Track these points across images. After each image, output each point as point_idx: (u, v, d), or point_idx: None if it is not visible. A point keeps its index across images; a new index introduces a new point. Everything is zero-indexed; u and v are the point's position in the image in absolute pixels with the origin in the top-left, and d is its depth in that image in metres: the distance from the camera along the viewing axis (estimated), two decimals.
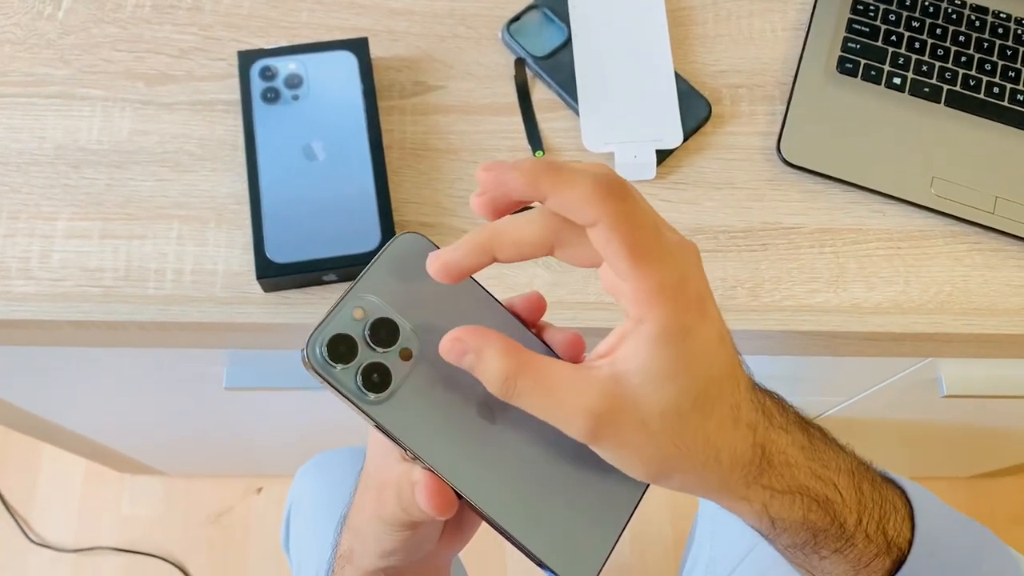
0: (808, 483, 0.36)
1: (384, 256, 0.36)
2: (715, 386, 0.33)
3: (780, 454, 0.36)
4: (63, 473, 1.37)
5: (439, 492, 0.34)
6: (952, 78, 0.63)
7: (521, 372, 0.32)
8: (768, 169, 0.62)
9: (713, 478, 0.34)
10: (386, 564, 0.40)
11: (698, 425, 0.33)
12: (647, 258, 0.31)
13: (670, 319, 0.31)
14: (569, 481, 0.36)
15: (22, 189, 0.58)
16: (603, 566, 0.35)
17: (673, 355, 0.31)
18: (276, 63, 0.60)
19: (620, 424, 0.32)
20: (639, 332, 0.31)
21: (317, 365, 0.34)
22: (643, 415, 0.32)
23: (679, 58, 0.64)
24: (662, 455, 0.33)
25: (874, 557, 0.39)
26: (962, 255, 0.60)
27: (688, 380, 0.32)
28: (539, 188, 0.32)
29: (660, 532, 1.34)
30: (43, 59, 0.62)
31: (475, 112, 0.62)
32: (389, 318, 0.35)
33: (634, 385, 0.32)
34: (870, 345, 0.60)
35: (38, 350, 0.69)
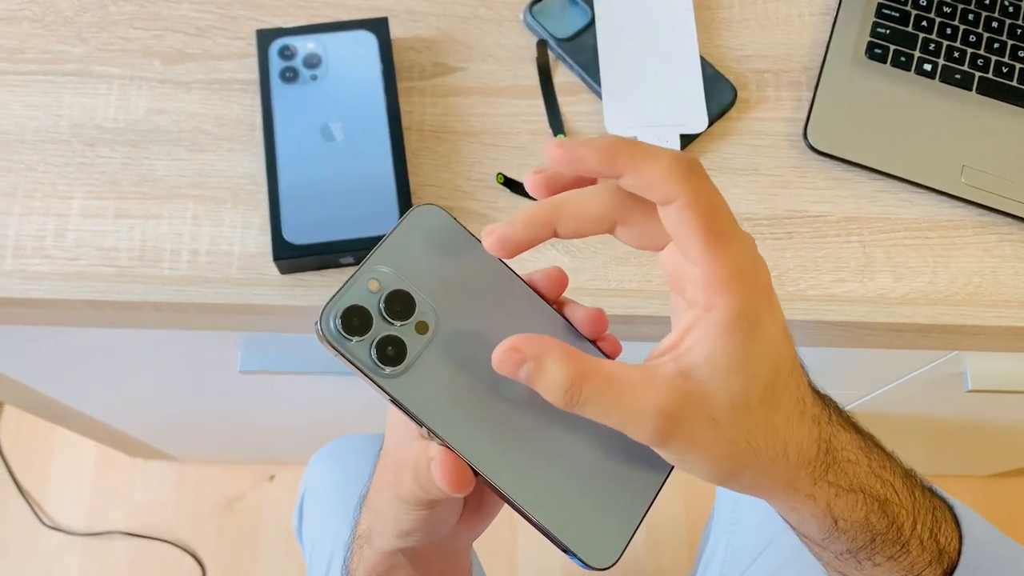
0: (870, 482, 0.35)
1: (401, 228, 0.35)
2: (781, 378, 0.32)
3: (843, 450, 0.35)
4: (76, 457, 1.37)
5: (455, 468, 0.33)
6: (984, 65, 0.62)
7: (585, 379, 0.30)
8: (794, 156, 0.60)
9: (781, 474, 0.33)
10: (404, 544, 0.39)
11: (767, 418, 0.32)
12: (723, 240, 0.30)
13: (742, 306, 0.30)
14: (592, 462, 0.35)
15: (38, 167, 0.58)
16: (625, 550, 0.34)
17: (743, 344, 0.30)
18: (295, 42, 0.59)
19: (691, 422, 0.31)
20: (708, 320, 0.30)
21: (331, 337, 0.33)
22: (712, 410, 0.31)
23: (704, 42, 0.63)
24: (732, 451, 0.31)
25: (926, 565, 0.38)
26: (992, 246, 0.59)
27: (757, 370, 0.31)
28: (616, 164, 0.31)
29: (675, 527, 1.33)
30: (60, 36, 0.61)
31: (496, 94, 0.61)
32: (405, 290, 0.34)
33: (702, 377, 0.30)
34: (896, 336, 0.59)
35: (54, 331, 0.69)
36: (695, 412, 0.30)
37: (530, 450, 0.34)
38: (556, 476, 0.34)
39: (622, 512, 0.35)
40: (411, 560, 0.41)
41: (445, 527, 0.40)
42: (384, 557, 0.41)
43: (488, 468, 0.34)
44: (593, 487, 0.35)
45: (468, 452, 0.34)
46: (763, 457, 0.32)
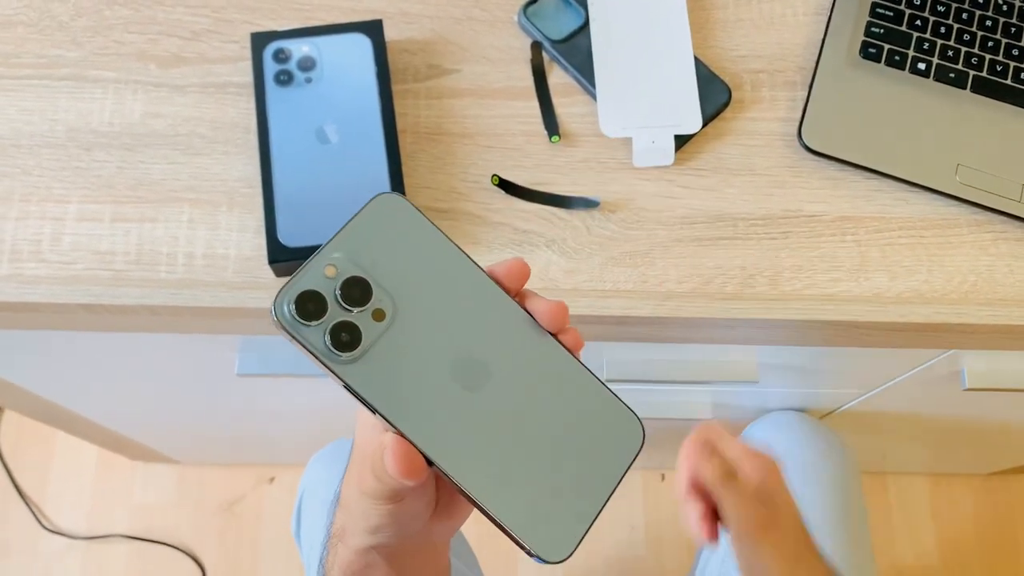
0: None
1: (362, 215, 0.35)
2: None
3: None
4: (76, 461, 1.37)
5: (405, 455, 0.33)
6: (979, 64, 0.62)
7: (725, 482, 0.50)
8: (789, 156, 0.60)
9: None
10: (376, 541, 0.39)
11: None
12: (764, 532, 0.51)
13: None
14: (548, 453, 0.35)
15: (34, 172, 0.58)
16: (579, 544, 0.34)
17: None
18: (289, 45, 0.59)
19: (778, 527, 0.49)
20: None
21: (285, 322, 0.33)
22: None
23: (699, 42, 0.63)
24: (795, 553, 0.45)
25: None
26: (987, 244, 0.59)
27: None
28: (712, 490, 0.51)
29: (675, 524, 1.33)
30: (55, 41, 0.61)
31: (490, 96, 0.61)
32: (362, 277, 0.34)
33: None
34: (892, 336, 0.59)
35: (52, 336, 0.69)
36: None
37: (484, 441, 0.34)
38: (511, 467, 0.34)
39: (578, 505, 0.35)
40: (386, 558, 0.41)
41: (417, 522, 0.39)
42: (358, 555, 0.40)
43: (439, 456, 0.34)
44: (548, 479, 0.35)
45: (419, 440, 0.34)
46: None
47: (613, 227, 0.58)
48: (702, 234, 0.58)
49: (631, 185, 0.59)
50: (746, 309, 0.56)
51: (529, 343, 0.36)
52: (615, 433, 0.36)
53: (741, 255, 0.58)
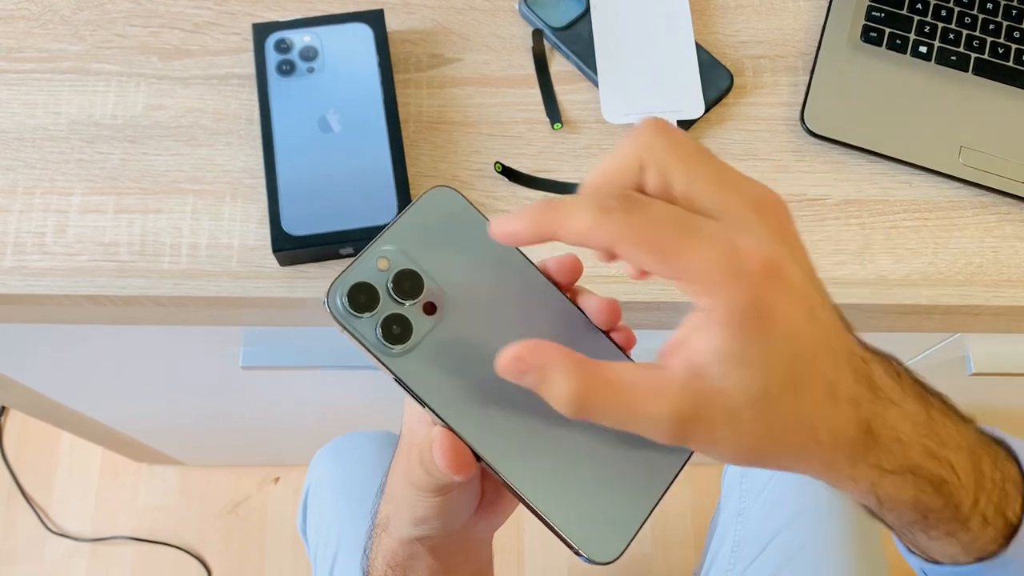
0: (920, 462, 0.33)
1: (415, 208, 0.35)
2: (804, 363, 0.30)
3: (889, 430, 0.32)
4: (81, 463, 1.37)
5: (454, 450, 0.33)
6: (980, 46, 0.62)
7: (593, 390, 0.29)
8: (792, 140, 0.60)
9: (814, 459, 0.31)
10: (420, 533, 0.39)
11: (791, 407, 0.30)
12: (676, 252, 0.28)
13: (738, 301, 0.28)
14: (599, 453, 0.34)
15: (37, 164, 0.58)
16: (628, 546, 0.33)
17: (751, 337, 0.29)
18: (291, 35, 0.59)
19: (709, 421, 0.29)
20: (710, 319, 0.29)
21: (337, 314, 0.33)
22: (731, 406, 0.29)
23: (700, 29, 0.63)
24: (754, 443, 0.30)
25: (991, 541, 0.36)
26: (992, 226, 0.59)
27: (772, 361, 0.29)
28: (544, 233, 0.30)
29: (682, 521, 1.32)
30: (57, 35, 0.61)
31: (492, 84, 0.61)
32: (413, 270, 0.34)
33: (716, 376, 0.29)
34: (897, 319, 0.59)
35: (57, 332, 0.69)
36: (712, 411, 0.29)
37: (534, 437, 0.34)
38: (560, 465, 0.34)
39: (628, 506, 0.34)
40: (430, 550, 0.41)
41: (462, 517, 0.39)
42: (402, 545, 0.40)
43: (488, 452, 0.33)
44: (599, 478, 0.34)
45: (468, 434, 0.33)
46: (789, 444, 0.30)
47: None
48: None
49: None
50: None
51: (581, 340, 0.35)
52: None
53: None
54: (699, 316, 0.29)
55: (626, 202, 0.29)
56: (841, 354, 0.31)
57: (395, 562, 0.42)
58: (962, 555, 0.36)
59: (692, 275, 0.28)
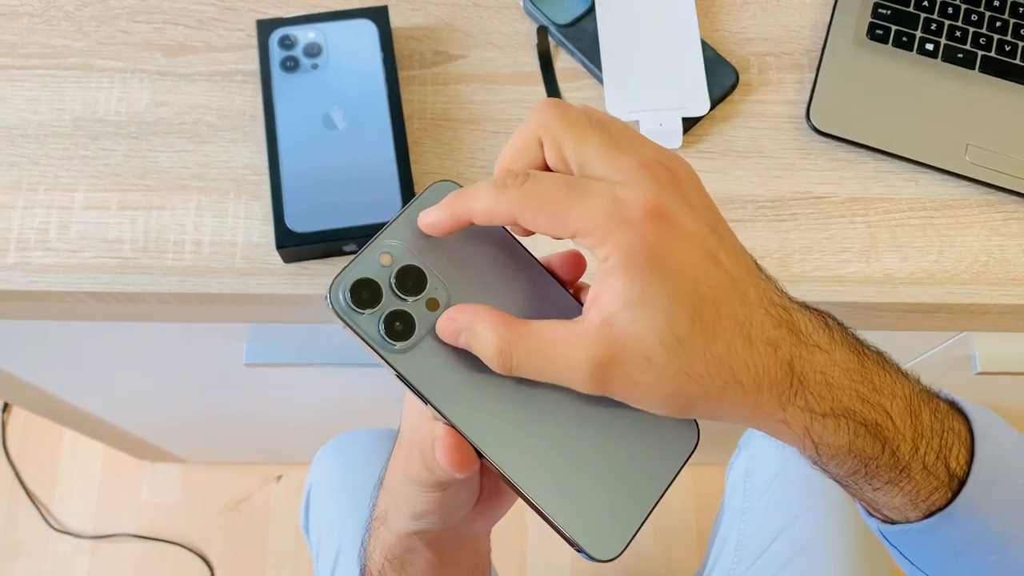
0: (853, 406, 0.34)
1: (417, 203, 0.35)
2: (709, 303, 0.31)
3: (816, 373, 0.33)
4: (83, 461, 1.37)
5: (457, 448, 0.33)
6: (987, 44, 0.61)
7: (514, 342, 0.32)
8: (797, 138, 0.60)
9: (740, 401, 0.32)
10: (419, 527, 0.39)
11: (704, 348, 0.31)
12: (566, 211, 0.31)
13: (630, 245, 0.30)
14: (601, 450, 0.34)
15: (41, 161, 0.58)
16: (630, 543, 0.33)
17: (649, 278, 0.30)
18: (295, 32, 0.59)
19: (624, 367, 0.31)
20: (608, 268, 0.31)
21: (339, 309, 0.33)
22: (643, 350, 0.30)
23: (705, 26, 0.63)
24: (674, 388, 0.31)
25: (934, 490, 0.36)
26: (998, 224, 0.58)
27: (675, 301, 0.30)
28: (457, 217, 0.33)
29: (683, 519, 1.32)
30: (61, 31, 0.61)
31: (497, 81, 0.61)
32: (416, 266, 0.34)
33: (624, 322, 0.30)
34: (903, 317, 0.59)
35: (60, 329, 0.69)
36: (626, 355, 0.31)
37: (536, 435, 0.34)
38: (562, 462, 0.34)
39: (630, 503, 0.34)
40: (428, 544, 0.41)
41: (461, 511, 0.39)
42: (400, 539, 0.40)
43: (490, 450, 0.33)
44: (601, 476, 0.34)
45: (471, 432, 0.33)
46: (711, 386, 0.31)
47: None
48: None
49: None
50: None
51: None
52: (669, 432, 0.35)
53: (750, 237, 0.57)
54: (602, 268, 0.31)
55: (521, 177, 0.32)
56: (753, 299, 0.32)
57: (393, 555, 0.41)
58: (910, 508, 0.37)
59: (583, 228, 0.31)
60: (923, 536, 0.37)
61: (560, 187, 0.31)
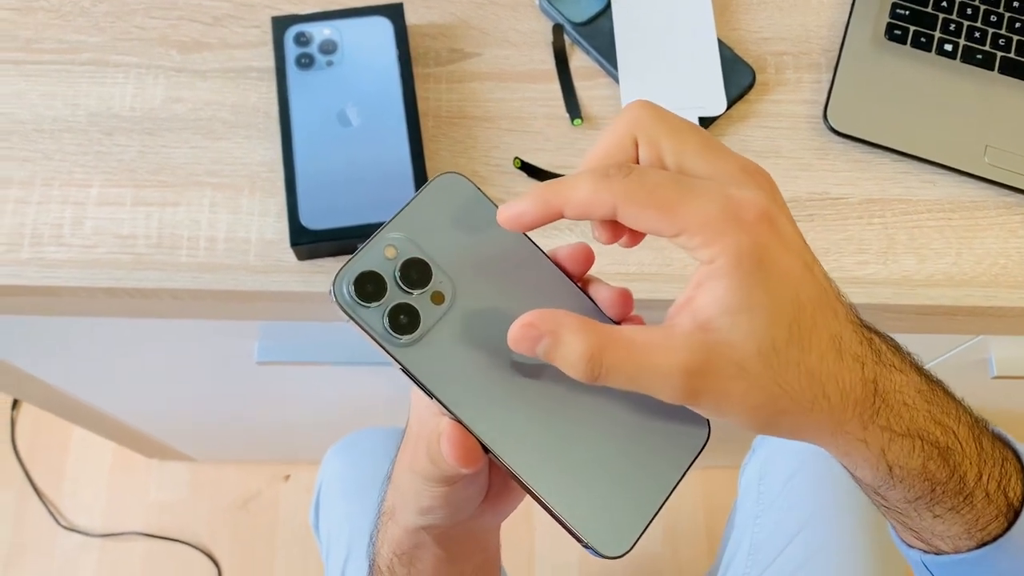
0: (927, 427, 0.33)
1: (423, 195, 0.34)
2: (807, 314, 0.30)
3: (896, 393, 0.33)
4: (92, 459, 1.37)
5: (462, 443, 0.32)
6: (1006, 45, 0.61)
7: (605, 348, 0.30)
8: (814, 138, 0.60)
9: (825, 418, 0.31)
10: (426, 522, 0.38)
11: (798, 359, 0.30)
12: (676, 206, 0.30)
13: (737, 247, 0.29)
14: (609, 446, 0.34)
15: (55, 156, 0.58)
16: (638, 540, 0.33)
17: (753, 283, 0.29)
18: (311, 28, 0.59)
19: (718, 374, 0.29)
20: (711, 271, 0.29)
21: (343, 302, 0.33)
22: (739, 358, 0.29)
23: (722, 25, 0.62)
24: (765, 399, 0.30)
25: (992, 519, 0.36)
26: (1017, 226, 0.58)
27: (776, 309, 0.30)
28: (551, 208, 0.31)
29: (692, 519, 1.32)
30: (77, 26, 0.61)
31: (512, 79, 0.61)
32: (421, 259, 0.34)
33: (723, 328, 0.29)
34: (920, 320, 0.58)
35: (72, 325, 0.69)
36: (721, 363, 0.29)
37: (543, 430, 0.33)
38: (570, 458, 0.33)
39: (639, 500, 0.33)
40: (436, 539, 0.40)
41: (469, 506, 0.39)
42: (408, 534, 0.40)
43: (496, 445, 0.33)
44: (609, 471, 0.33)
45: (477, 427, 0.33)
46: (801, 400, 0.30)
47: None
48: None
49: None
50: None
51: None
52: (678, 428, 0.35)
53: None
54: (702, 271, 0.30)
55: (625, 169, 0.30)
56: (842, 314, 0.32)
57: (401, 551, 0.41)
58: (965, 537, 0.36)
59: (694, 226, 0.29)
60: (974, 567, 0.37)
61: (670, 181, 0.30)
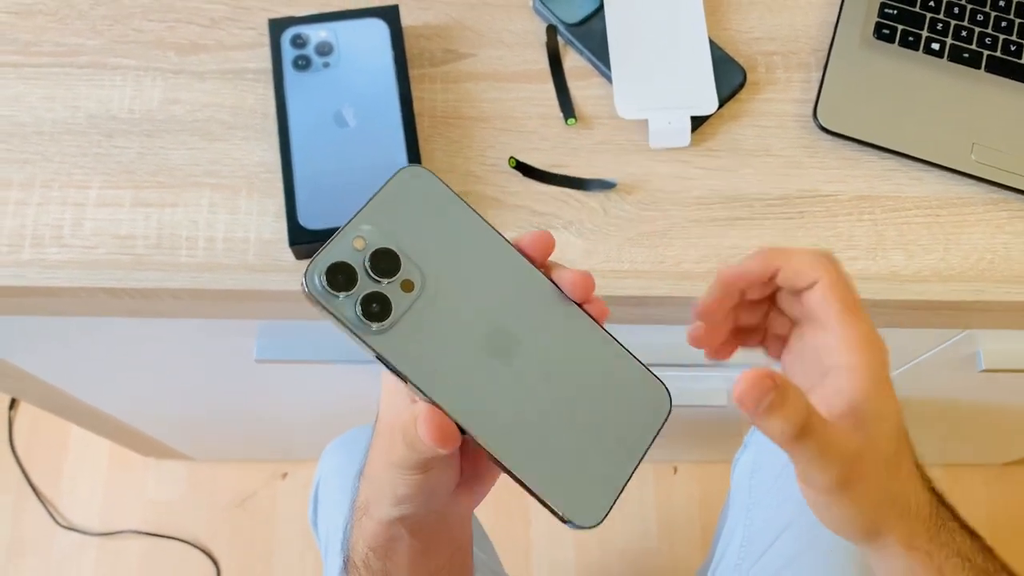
0: (972, 552, 0.39)
1: (387, 188, 0.36)
2: (903, 433, 0.37)
3: (949, 519, 0.39)
4: (89, 457, 1.38)
5: (439, 423, 0.34)
6: (992, 43, 0.62)
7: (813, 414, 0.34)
8: (804, 136, 0.61)
9: (909, 526, 0.37)
10: (401, 513, 0.39)
11: (898, 468, 0.37)
12: (855, 311, 0.37)
13: (879, 363, 0.36)
14: (577, 421, 0.36)
15: (55, 158, 0.58)
16: (610, 510, 0.35)
17: (886, 397, 0.36)
18: (307, 31, 0.59)
19: (866, 466, 0.35)
20: (859, 377, 0.36)
21: (316, 293, 0.34)
22: (878, 456, 0.36)
23: (713, 25, 0.63)
24: (882, 498, 0.36)
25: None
26: (1003, 222, 0.59)
27: (894, 422, 0.36)
28: (771, 263, 0.38)
29: (688, 515, 1.32)
30: (75, 29, 0.62)
31: (506, 80, 0.61)
32: (390, 249, 0.35)
33: (870, 428, 0.35)
34: (909, 314, 0.59)
35: (72, 324, 0.69)
36: (869, 460, 0.36)
37: (515, 408, 0.35)
38: (542, 433, 0.35)
39: (610, 470, 0.35)
40: (410, 531, 0.41)
41: (443, 492, 0.40)
42: (383, 527, 0.41)
43: (471, 424, 0.34)
44: (579, 443, 0.35)
45: (451, 407, 0.34)
46: (898, 506, 0.36)
47: (630, 208, 0.58)
48: (719, 214, 0.58)
49: (647, 167, 0.59)
50: None
51: (555, 312, 0.37)
52: (643, 401, 0.37)
53: (758, 235, 0.58)
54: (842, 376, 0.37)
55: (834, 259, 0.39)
56: (912, 446, 0.39)
57: (376, 544, 0.42)
58: None
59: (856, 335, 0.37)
60: None
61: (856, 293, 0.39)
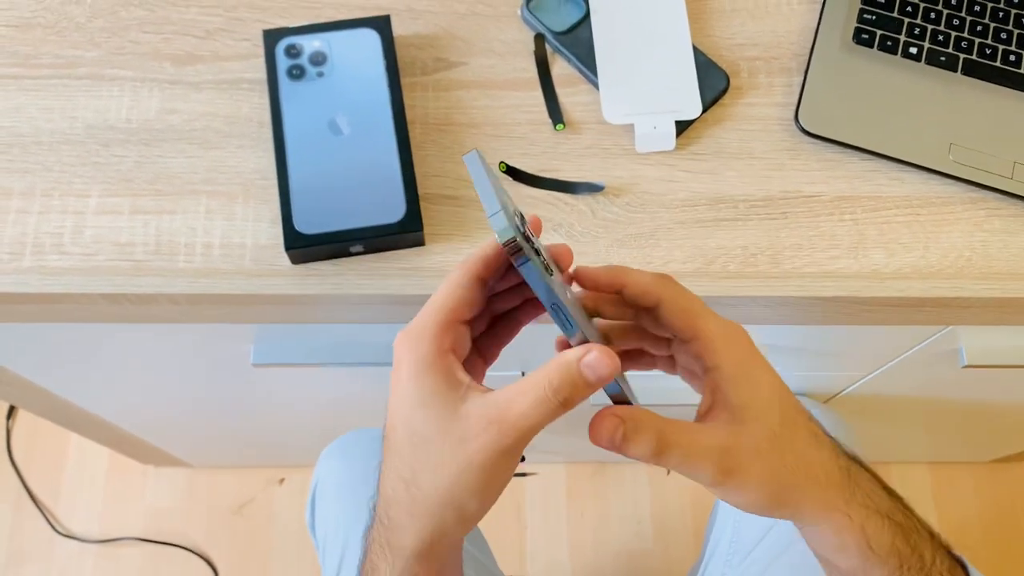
0: (891, 509, 0.41)
1: (490, 171, 0.37)
2: (791, 409, 0.40)
3: (864, 480, 0.41)
4: (88, 466, 1.38)
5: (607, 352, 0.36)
6: (968, 47, 0.64)
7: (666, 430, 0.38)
8: (787, 139, 0.62)
9: (818, 494, 0.39)
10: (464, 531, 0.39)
11: (790, 440, 0.39)
12: (701, 314, 0.41)
13: (739, 355, 0.40)
14: None
15: (55, 167, 0.60)
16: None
17: (753, 382, 0.40)
18: (301, 41, 0.61)
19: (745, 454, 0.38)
20: (720, 373, 0.39)
21: (521, 239, 0.33)
22: (754, 442, 0.38)
23: (696, 32, 0.65)
24: (774, 476, 0.38)
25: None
26: (981, 220, 0.60)
27: (770, 401, 0.40)
28: (617, 277, 0.42)
29: (681, 517, 1.34)
30: (73, 42, 0.63)
31: (496, 87, 0.63)
32: (523, 215, 0.38)
33: (740, 418, 0.39)
34: (891, 312, 0.61)
35: (69, 333, 0.70)
36: (744, 446, 0.38)
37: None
38: None
39: None
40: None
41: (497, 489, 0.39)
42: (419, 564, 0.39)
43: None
44: None
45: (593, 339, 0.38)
46: (797, 477, 0.39)
47: (617, 211, 0.60)
48: (704, 216, 0.60)
49: (634, 170, 0.61)
50: (749, 287, 0.58)
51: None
52: None
53: (742, 235, 0.59)
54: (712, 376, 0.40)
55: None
56: (805, 414, 0.42)
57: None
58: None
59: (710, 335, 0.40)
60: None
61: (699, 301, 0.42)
